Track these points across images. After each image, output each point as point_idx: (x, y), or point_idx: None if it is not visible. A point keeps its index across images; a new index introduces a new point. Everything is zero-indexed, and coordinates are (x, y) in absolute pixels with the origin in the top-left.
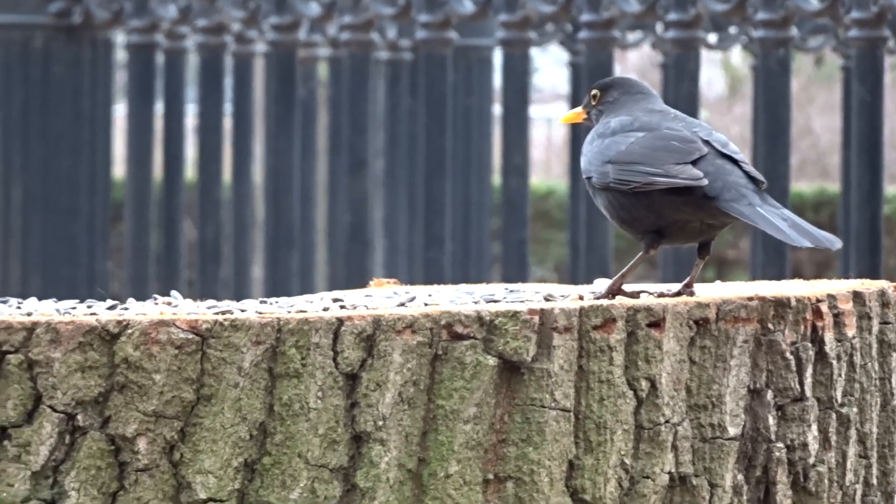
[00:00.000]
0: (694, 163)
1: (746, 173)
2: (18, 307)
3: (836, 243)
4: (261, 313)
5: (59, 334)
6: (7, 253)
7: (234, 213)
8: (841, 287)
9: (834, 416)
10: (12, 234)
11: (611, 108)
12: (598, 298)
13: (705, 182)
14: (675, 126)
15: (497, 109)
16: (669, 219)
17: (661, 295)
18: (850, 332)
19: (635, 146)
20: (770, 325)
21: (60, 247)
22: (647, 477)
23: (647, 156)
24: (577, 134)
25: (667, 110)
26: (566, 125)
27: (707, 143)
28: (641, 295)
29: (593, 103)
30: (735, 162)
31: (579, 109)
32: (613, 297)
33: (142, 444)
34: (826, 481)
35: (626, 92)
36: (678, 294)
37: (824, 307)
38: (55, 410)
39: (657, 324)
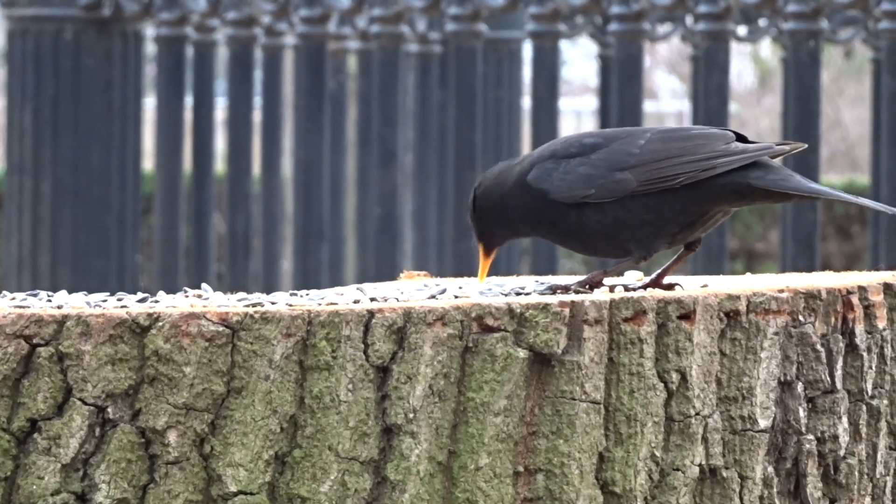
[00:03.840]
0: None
1: None
2: (49, 300)
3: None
4: (291, 305)
5: (89, 327)
6: (37, 245)
7: (263, 206)
8: (872, 279)
9: (864, 408)
10: (42, 227)
11: (505, 178)
12: (566, 289)
13: (782, 149)
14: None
15: (526, 102)
16: (702, 210)
17: (627, 288)
18: (881, 323)
19: (654, 144)
20: (801, 318)
21: (90, 239)
22: (678, 469)
23: (683, 147)
24: (609, 126)
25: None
26: (597, 117)
27: None
28: (617, 288)
29: (480, 226)
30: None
31: (482, 259)
32: (591, 289)
33: (172, 436)
34: (856, 473)
35: (504, 170)
36: (650, 286)
37: (855, 299)
38: (85, 403)
39: (688, 316)
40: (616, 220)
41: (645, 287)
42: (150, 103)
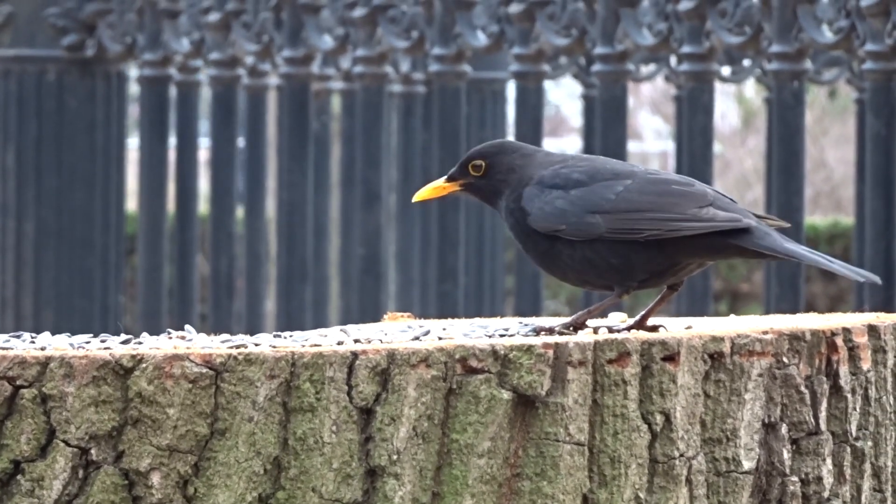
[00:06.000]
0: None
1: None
2: (32, 341)
3: (877, 279)
4: (275, 347)
5: (72, 368)
6: (20, 286)
7: (247, 247)
8: (856, 320)
9: (849, 449)
10: (26, 268)
11: (519, 170)
12: (550, 331)
13: (750, 222)
14: (649, 169)
15: None
16: (673, 261)
17: (611, 330)
18: (866, 365)
19: (631, 194)
20: (785, 359)
21: (73, 280)
22: None
23: (655, 203)
24: None
25: (589, 156)
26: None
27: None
28: (600, 330)
29: (477, 174)
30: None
31: (441, 182)
32: (575, 331)
33: (155, 478)
34: None
35: (519, 150)
36: (634, 328)
37: (839, 340)
38: (69, 445)
39: (672, 357)
40: (585, 259)
41: (629, 328)
42: (133, 143)
